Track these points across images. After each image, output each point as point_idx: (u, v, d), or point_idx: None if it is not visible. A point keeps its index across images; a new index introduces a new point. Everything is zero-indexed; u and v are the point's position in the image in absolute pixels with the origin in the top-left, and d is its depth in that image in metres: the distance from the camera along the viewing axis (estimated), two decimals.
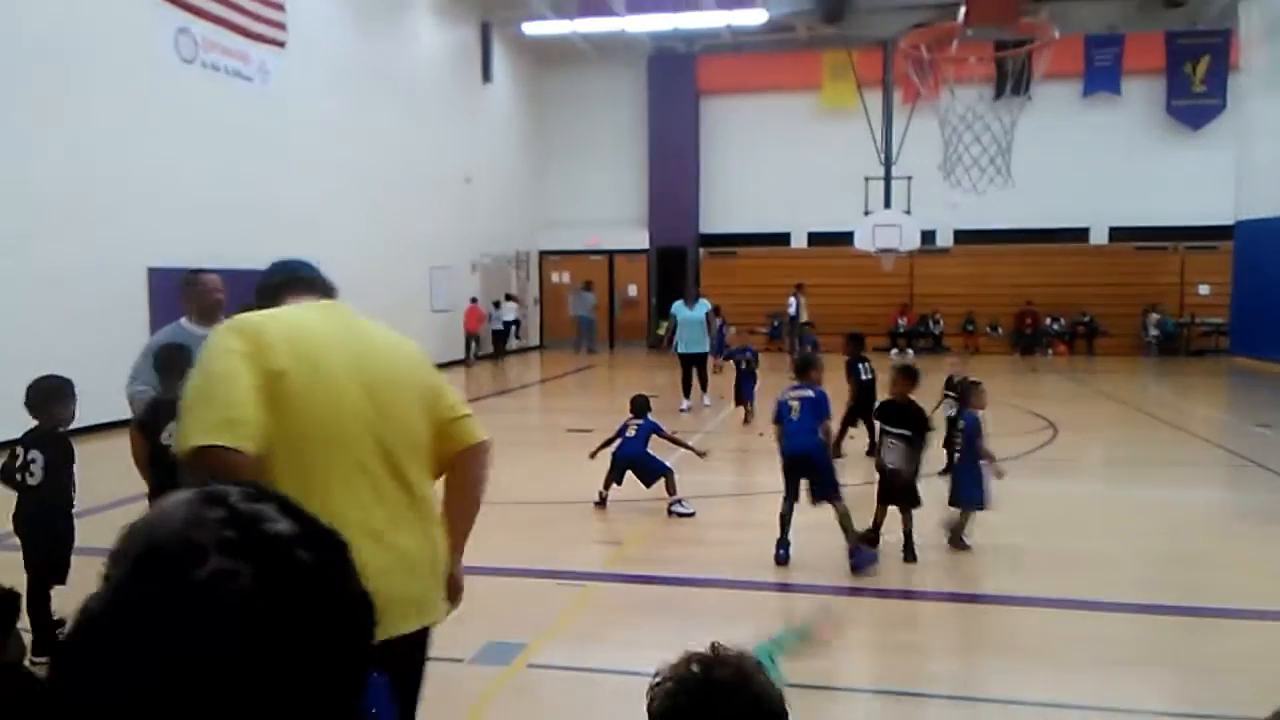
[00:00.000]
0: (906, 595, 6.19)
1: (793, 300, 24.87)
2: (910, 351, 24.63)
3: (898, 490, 6.67)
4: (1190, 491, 9.61)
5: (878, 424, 7.32)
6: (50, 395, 5.06)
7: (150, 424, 4.71)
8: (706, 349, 13.96)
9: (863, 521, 6.65)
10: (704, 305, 14.00)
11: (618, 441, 8.34)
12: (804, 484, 6.61)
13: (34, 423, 5.07)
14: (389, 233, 19.07)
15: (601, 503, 8.15)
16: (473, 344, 22.93)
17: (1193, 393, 18.12)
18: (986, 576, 6.26)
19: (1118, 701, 4.72)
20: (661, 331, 18.95)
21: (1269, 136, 20.53)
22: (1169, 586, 6.24)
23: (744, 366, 12.93)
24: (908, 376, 6.96)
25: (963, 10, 11.55)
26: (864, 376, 10.31)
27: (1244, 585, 6.39)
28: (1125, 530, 6.61)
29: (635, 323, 28.40)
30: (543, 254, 28.60)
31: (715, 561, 7.08)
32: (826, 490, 6.58)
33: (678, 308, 14.18)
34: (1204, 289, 25.09)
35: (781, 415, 6.78)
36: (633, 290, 28.52)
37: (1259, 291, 21.22)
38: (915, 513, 6.67)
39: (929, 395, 7.84)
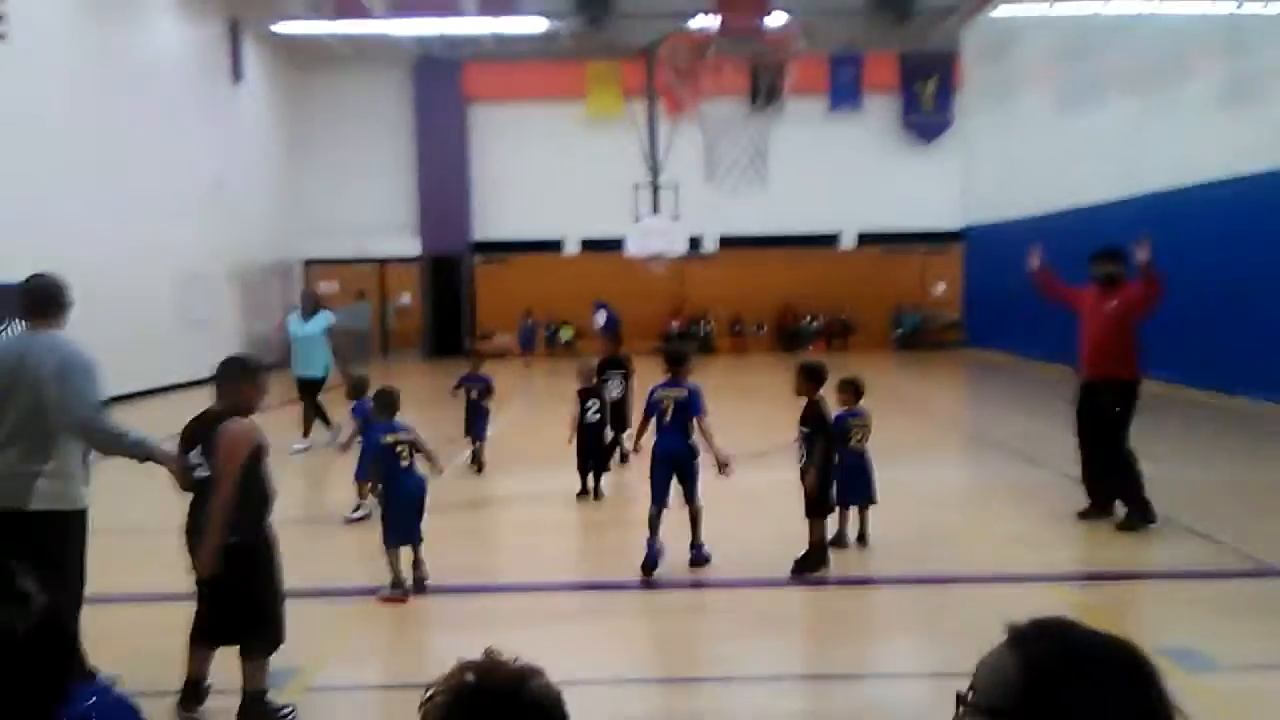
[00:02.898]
0: (689, 585, 6.34)
1: (601, 312, 25.01)
2: (666, 349, 25.37)
3: (805, 495, 6.31)
4: (938, 471, 10.46)
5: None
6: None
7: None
8: (324, 373, 11.20)
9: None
10: (323, 318, 11.22)
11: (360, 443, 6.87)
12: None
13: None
14: (130, 241, 17.57)
15: (402, 593, 6.07)
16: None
17: (934, 381, 19.75)
18: (757, 560, 6.52)
19: (873, 668, 5.08)
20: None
21: (988, 150, 22.79)
22: (920, 559, 6.75)
23: (473, 396, 10.17)
24: (806, 376, 6.46)
25: (715, 20, 12.06)
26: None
27: (981, 553, 7.03)
28: (881, 510, 7.09)
29: (409, 332, 27.74)
30: (307, 262, 27.36)
31: (499, 567, 7.02)
32: (693, 496, 6.45)
33: (290, 320, 11.39)
34: (939, 287, 27.44)
35: (653, 413, 6.50)
36: (406, 298, 27.84)
37: (986, 290, 23.48)
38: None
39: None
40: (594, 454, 8.75)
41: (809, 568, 6.21)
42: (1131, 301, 7.28)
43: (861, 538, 6.99)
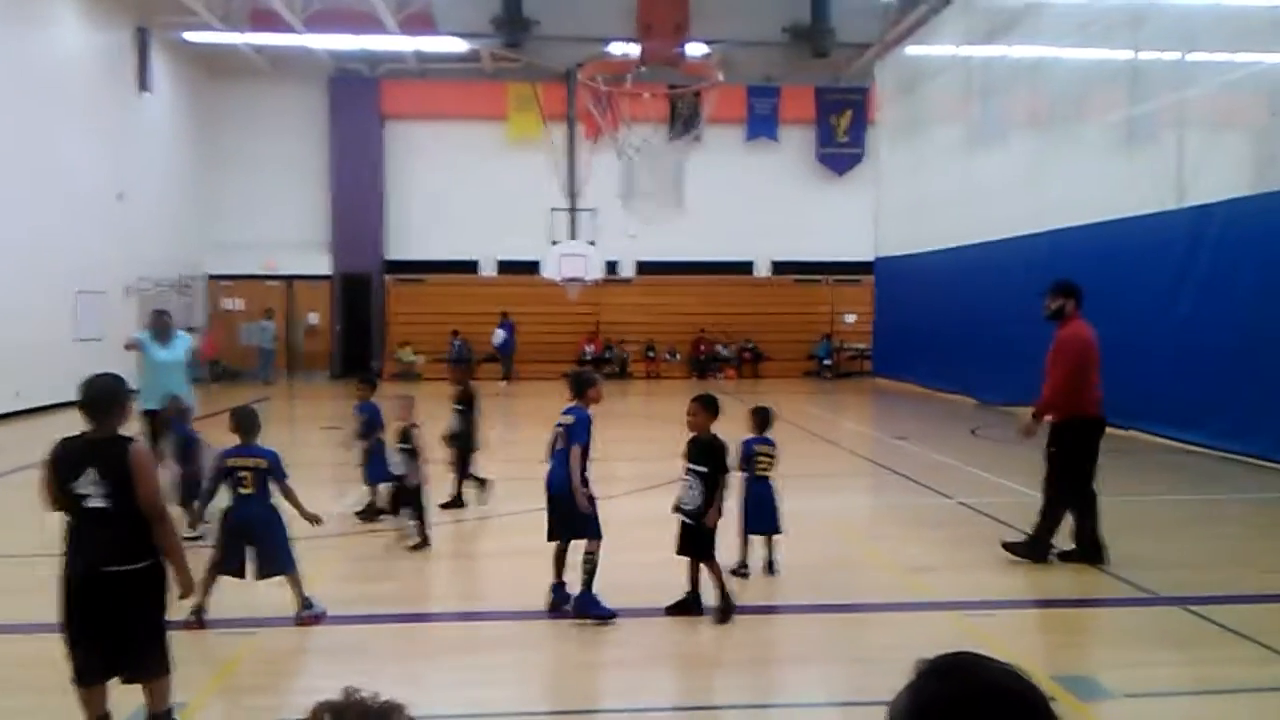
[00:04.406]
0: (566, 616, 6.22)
1: (500, 331, 25.01)
2: (570, 373, 25.32)
3: (694, 537, 6.00)
4: (842, 500, 10.57)
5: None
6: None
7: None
8: (190, 403, 9.81)
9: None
10: (185, 340, 9.96)
11: (227, 499, 5.91)
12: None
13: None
14: (22, 253, 16.84)
15: (199, 620, 5.71)
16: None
17: (842, 410, 20.05)
18: (660, 590, 6.43)
19: (778, 697, 5.05)
20: None
21: (899, 184, 23.34)
22: (825, 587, 6.77)
23: (364, 433, 8.90)
24: (708, 408, 6.14)
25: (635, 47, 12.16)
26: (454, 428, 9.14)
27: (886, 581, 7.09)
28: (787, 538, 7.10)
29: (318, 352, 27.11)
30: (212, 278, 26.55)
31: (395, 597, 6.81)
32: (575, 533, 5.95)
33: (144, 340, 9.63)
34: (850, 318, 27.97)
35: (552, 442, 6.08)
36: (314, 318, 27.21)
37: (895, 320, 23.98)
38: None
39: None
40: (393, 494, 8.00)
41: (728, 615, 5.96)
42: (1055, 352, 7.20)
43: (769, 566, 6.98)
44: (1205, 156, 13.38)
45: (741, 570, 6.80)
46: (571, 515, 5.94)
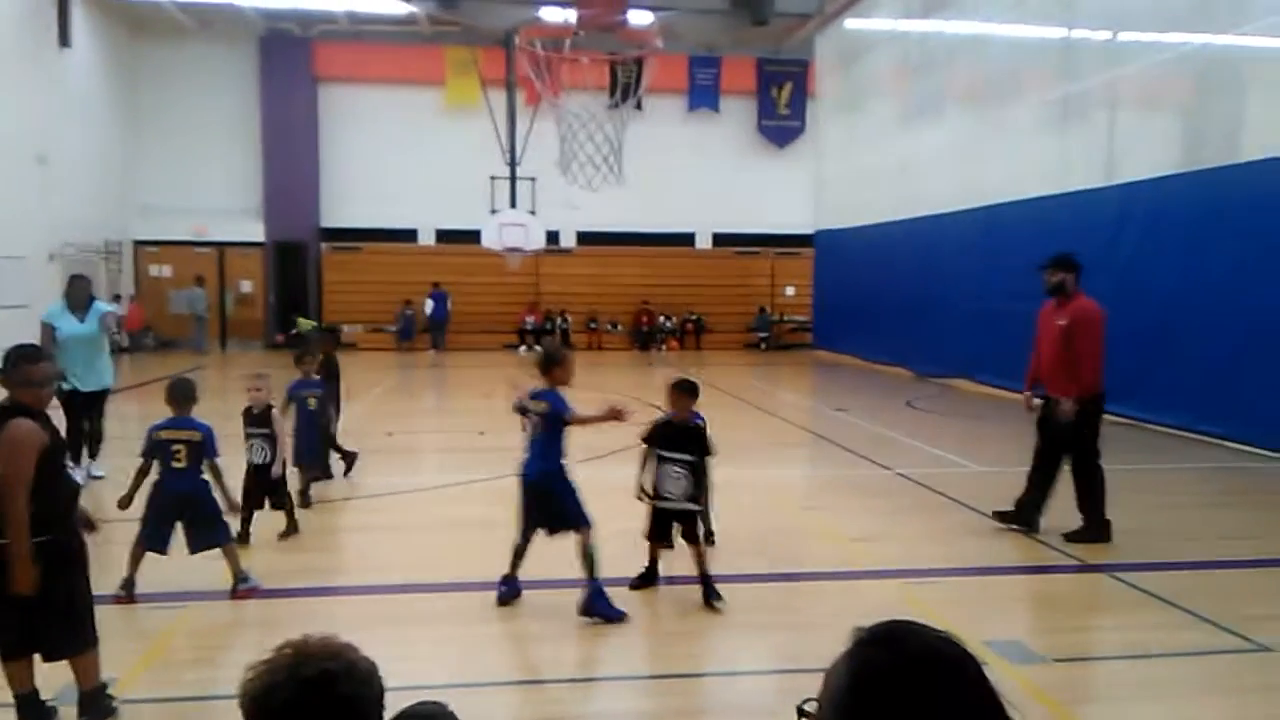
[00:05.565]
0: (528, 585, 6.21)
1: (429, 300, 24.78)
2: (539, 349, 25.26)
3: (681, 525, 5.84)
4: (781, 470, 10.67)
5: (655, 450, 5.93)
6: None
7: None
8: (108, 383, 9.00)
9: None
10: (101, 308, 8.95)
11: (157, 472, 5.79)
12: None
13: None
14: None
15: (128, 594, 5.66)
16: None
17: (782, 382, 20.24)
18: (607, 562, 6.43)
19: (716, 665, 5.09)
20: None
21: (838, 157, 23.50)
22: (768, 557, 6.84)
23: (311, 406, 8.24)
24: (687, 391, 5.96)
25: (573, 11, 12.04)
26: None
27: (826, 551, 7.19)
28: (730, 508, 7.16)
29: (251, 320, 26.53)
30: (138, 244, 25.76)
31: (331, 569, 6.73)
32: (569, 523, 5.64)
33: (56, 314, 8.72)
34: (790, 290, 28.19)
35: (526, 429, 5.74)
36: (247, 286, 26.60)
37: (834, 293, 24.22)
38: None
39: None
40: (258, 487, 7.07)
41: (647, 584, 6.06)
42: (1075, 330, 7.13)
43: (708, 536, 7.01)
44: (1135, 135, 13.68)
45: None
46: (561, 506, 5.62)
